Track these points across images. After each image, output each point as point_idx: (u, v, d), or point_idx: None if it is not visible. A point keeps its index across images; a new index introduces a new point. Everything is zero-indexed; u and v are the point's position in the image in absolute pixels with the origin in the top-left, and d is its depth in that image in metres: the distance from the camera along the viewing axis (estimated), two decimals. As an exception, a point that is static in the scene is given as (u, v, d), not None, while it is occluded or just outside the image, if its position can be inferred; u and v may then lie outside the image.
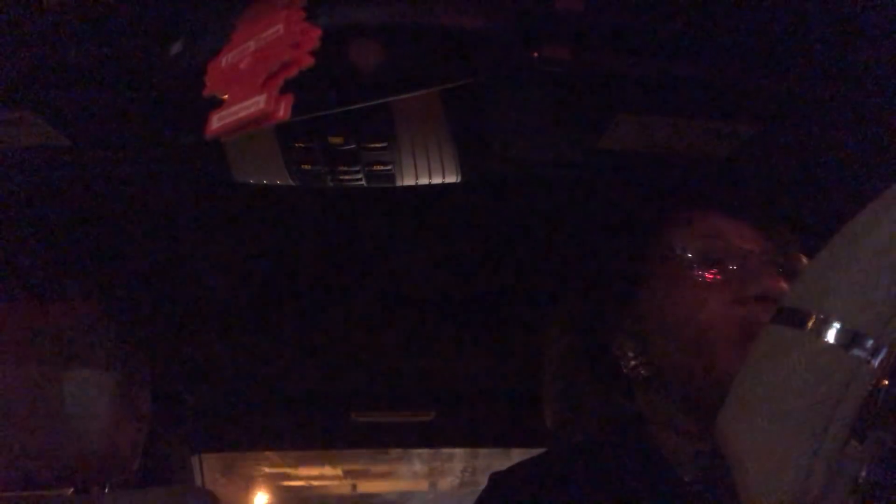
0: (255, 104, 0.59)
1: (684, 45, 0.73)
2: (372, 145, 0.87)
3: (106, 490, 0.99)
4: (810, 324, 0.36)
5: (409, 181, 0.95)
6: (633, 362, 0.90)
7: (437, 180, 0.95)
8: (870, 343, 0.34)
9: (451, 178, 0.95)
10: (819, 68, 0.76)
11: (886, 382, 0.34)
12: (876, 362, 0.34)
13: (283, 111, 0.59)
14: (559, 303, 1.16)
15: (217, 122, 0.61)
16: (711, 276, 0.82)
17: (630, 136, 0.88)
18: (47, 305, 1.02)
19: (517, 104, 0.84)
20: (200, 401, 1.72)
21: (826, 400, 0.34)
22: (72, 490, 0.97)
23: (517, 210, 1.16)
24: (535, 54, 0.71)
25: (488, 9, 0.70)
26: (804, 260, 0.84)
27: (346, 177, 0.93)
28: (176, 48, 0.71)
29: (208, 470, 1.94)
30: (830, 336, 0.35)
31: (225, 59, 0.64)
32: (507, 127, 0.89)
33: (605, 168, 0.96)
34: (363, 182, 0.94)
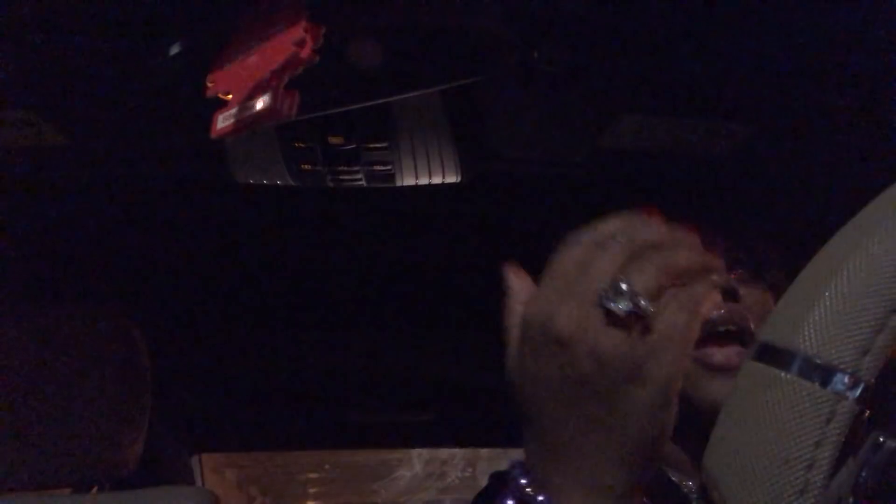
0: (259, 103, 0.59)
1: (684, 45, 0.74)
2: (372, 145, 0.87)
3: (106, 490, 0.99)
4: (784, 360, 0.36)
5: (409, 181, 0.95)
6: None
7: (437, 180, 0.95)
8: (847, 378, 0.34)
9: (451, 178, 0.95)
10: (819, 68, 0.76)
11: (868, 413, 0.34)
12: (853, 397, 0.34)
13: (289, 109, 0.58)
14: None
15: (222, 121, 0.61)
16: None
17: (630, 136, 0.88)
18: (48, 305, 1.02)
19: (517, 104, 0.84)
20: (200, 401, 1.72)
21: (806, 439, 0.34)
22: (72, 490, 0.97)
23: (517, 210, 1.16)
24: (535, 54, 0.71)
25: (488, 9, 0.70)
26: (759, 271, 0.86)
27: (346, 177, 0.93)
28: (176, 48, 0.71)
29: (208, 470, 1.95)
30: (805, 372, 0.35)
31: (227, 59, 0.64)
32: (507, 127, 0.89)
33: (604, 168, 0.96)
34: (363, 182, 0.94)
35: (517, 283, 0.56)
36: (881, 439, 0.34)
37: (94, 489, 0.98)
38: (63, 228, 1.14)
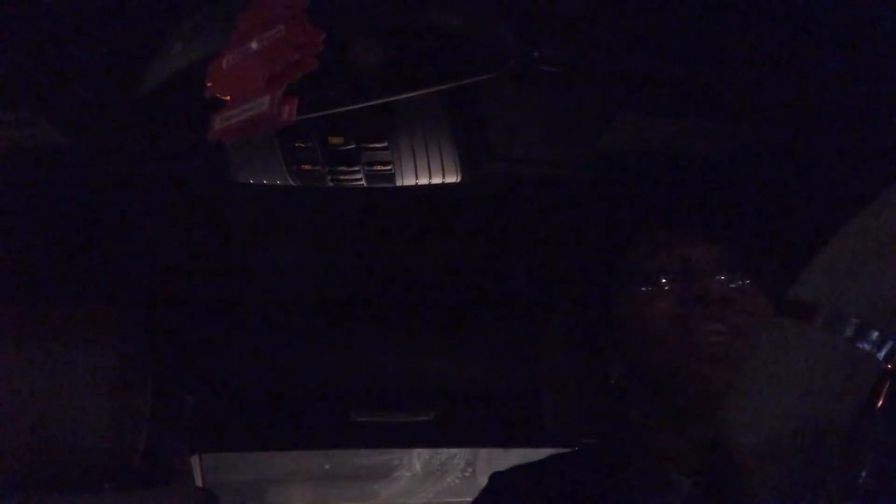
0: (258, 106, 0.58)
1: (684, 45, 0.74)
2: (372, 145, 0.87)
3: (106, 490, 0.99)
4: (815, 316, 0.36)
5: (409, 181, 0.95)
6: (614, 372, 0.95)
7: (437, 180, 0.95)
8: (875, 335, 0.34)
9: (451, 178, 0.95)
10: (819, 69, 0.76)
11: (890, 367, 0.34)
12: (881, 355, 0.34)
13: (287, 114, 0.58)
14: (554, 307, 1.16)
15: (220, 123, 0.61)
16: (658, 285, 0.88)
17: (630, 136, 0.88)
18: (47, 305, 1.02)
19: (517, 104, 0.84)
20: (200, 401, 1.72)
21: (829, 391, 0.34)
22: (72, 490, 0.97)
23: (517, 210, 1.16)
24: (535, 54, 0.71)
25: (488, 8, 0.70)
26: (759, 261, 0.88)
27: (346, 177, 0.93)
28: (176, 48, 0.71)
29: (208, 470, 1.94)
30: (836, 328, 0.35)
31: (226, 59, 0.64)
32: (507, 127, 0.89)
33: (604, 169, 0.96)
34: (363, 182, 0.94)
35: None
36: (883, 439, 0.34)
37: (95, 489, 0.98)
38: (63, 228, 1.14)
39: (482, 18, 0.70)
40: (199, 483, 1.84)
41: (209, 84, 0.63)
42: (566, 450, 1.15)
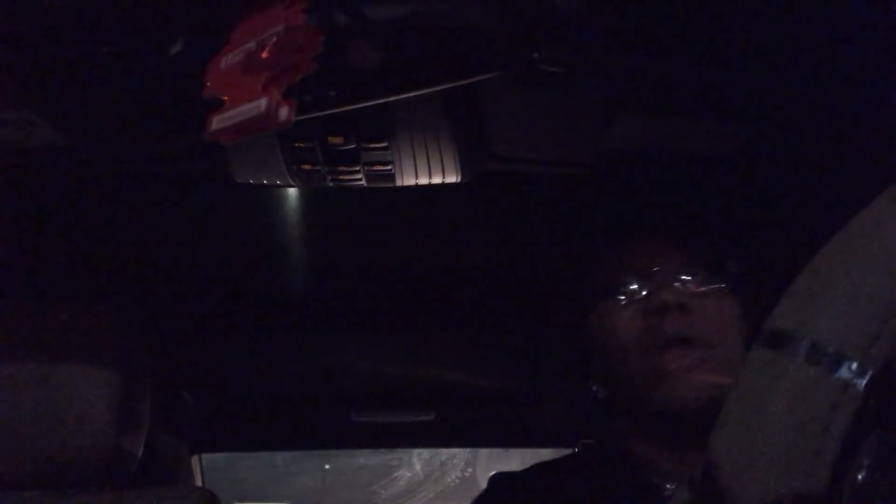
0: (256, 108, 0.58)
1: (684, 45, 0.73)
2: (372, 145, 0.87)
3: (106, 490, 0.99)
4: (792, 347, 0.36)
5: (409, 181, 0.95)
6: (594, 385, 0.96)
7: (437, 180, 0.95)
8: (855, 365, 0.34)
9: (451, 179, 0.95)
10: (820, 68, 0.76)
11: (875, 402, 0.34)
12: (862, 384, 0.34)
13: (286, 117, 0.58)
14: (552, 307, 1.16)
15: (217, 123, 0.61)
16: (622, 299, 0.90)
17: (630, 136, 0.88)
18: (47, 305, 1.02)
19: (517, 104, 0.84)
20: (200, 401, 1.72)
21: (813, 426, 0.34)
22: (72, 490, 0.97)
23: (518, 210, 1.16)
24: (535, 54, 0.71)
25: (488, 8, 0.70)
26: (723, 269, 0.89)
27: (346, 177, 0.93)
28: (176, 48, 0.71)
29: (208, 470, 1.94)
30: (814, 359, 0.35)
31: (225, 60, 0.64)
32: (507, 127, 0.89)
33: (604, 169, 0.96)
34: (363, 182, 0.94)
35: None
36: (882, 439, 0.34)
37: (94, 489, 0.98)
38: (62, 228, 1.14)
39: (482, 18, 0.70)
40: (199, 483, 1.84)
41: (208, 84, 0.63)
42: (566, 450, 1.15)
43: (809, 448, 0.33)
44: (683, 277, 0.88)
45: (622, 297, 0.89)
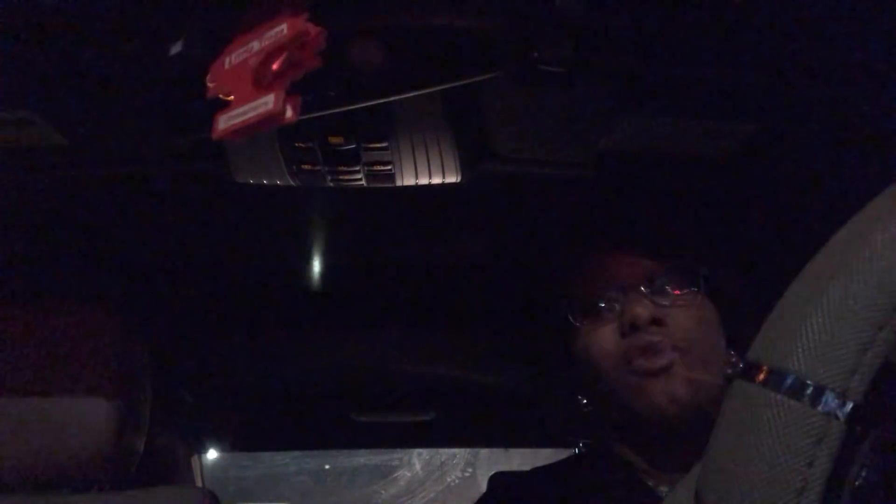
0: (262, 105, 0.59)
1: (684, 45, 0.73)
2: (372, 145, 0.87)
3: (106, 490, 0.99)
4: (773, 380, 0.36)
5: (409, 181, 0.95)
6: (579, 395, 0.98)
7: (437, 180, 0.95)
8: (835, 398, 0.34)
9: (451, 178, 0.95)
10: (820, 68, 0.76)
11: (860, 431, 0.34)
12: (843, 416, 0.34)
13: (291, 112, 0.58)
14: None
15: (224, 123, 0.61)
16: (597, 317, 0.90)
17: (630, 136, 0.88)
18: (47, 305, 1.02)
19: (517, 104, 0.84)
20: (200, 401, 1.72)
21: (798, 460, 0.34)
22: (72, 490, 0.97)
23: (517, 210, 1.16)
24: (535, 54, 0.71)
25: (488, 8, 0.70)
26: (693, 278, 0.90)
27: (346, 177, 0.93)
28: (176, 48, 0.71)
29: (208, 470, 1.94)
30: (795, 392, 0.35)
31: (228, 59, 0.64)
32: (507, 127, 0.89)
33: (604, 169, 0.96)
34: (363, 182, 0.94)
35: None
36: (882, 438, 0.34)
37: (95, 489, 0.98)
38: (63, 228, 1.14)
39: (482, 18, 0.70)
40: (199, 483, 1.84)
41: (212, 84, 0.63)
42: (566, 450, 1.15)
43: (795, 486, 0.33)
44: (654, 287, 0.88)
45: (596, 315, 0.90)
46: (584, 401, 0.97)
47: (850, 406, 0.33)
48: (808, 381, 0.34)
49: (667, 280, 0.88)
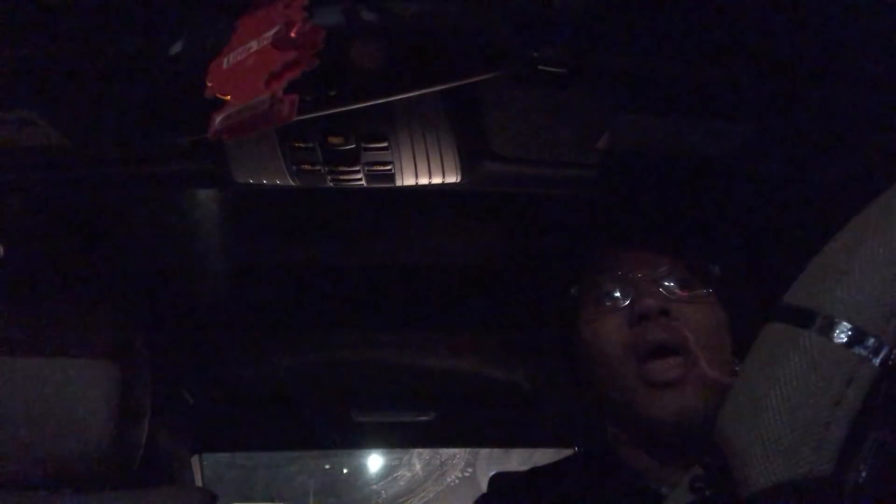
0: (259, 105, 0.58)
1: (684, 45, 0.73)
2: (372, 145, 0.87)
3: (106, 490, 0.99)
4: (812, 321, 0.36)
5: (409, 181, 0.95)
6: (583, 391, 0.97)
7: (437, 180, 0.95)
8: (871, 342, 0.34)
9: (451, 178, 0.95)
10: (820, 68, 0.76)
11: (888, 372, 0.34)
12: (878, 361, 0.34)
13: (288, 112, 0.58)
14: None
15: (220, 122, 0.61)
16: (608, 305, 0.90)
17: (630, 136, 0.88)
18: (48, 304, 1.02)
19: (517, 104, 0.84)
20: (200, 401, 1.72)
21: (827, 397, 0.34)
22: (72, 490, 0.97)
23: (517, 210, 1.16)
24: (535, 54, 0.71)
25: (488, 9, 0.70)
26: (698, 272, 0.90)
27: (346, 177, 0.93)
28: (176, 48, 0.71)
29: (208, 470, 1.94)
30: (832, 334, 0.35)
31: (226, 59, 0.64)
32: (507, 127, 0.89)
33: (603, 169, 0.96)
34: (363, 182, 0.94)
35: None
36: (883, 439, 0.34)
37: (95, 489, 0.98)
38: (63, 228, 1.14)
39: (482, 18, 0.70)
40: (199, 483, 1.84)
41: (210, 84, 0.63)
42: (566, 450, 1.15)
43: (819, 422, 0.33)
44: (667, 283, 0.88)
45: (606, 306, 0.89)
46: (586, 395, 0.97)
47: (885, 351, 0.33)
48: (847, 323, 0.34)
49: (680, 277, 0.88)
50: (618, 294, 0.89)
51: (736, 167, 0.93)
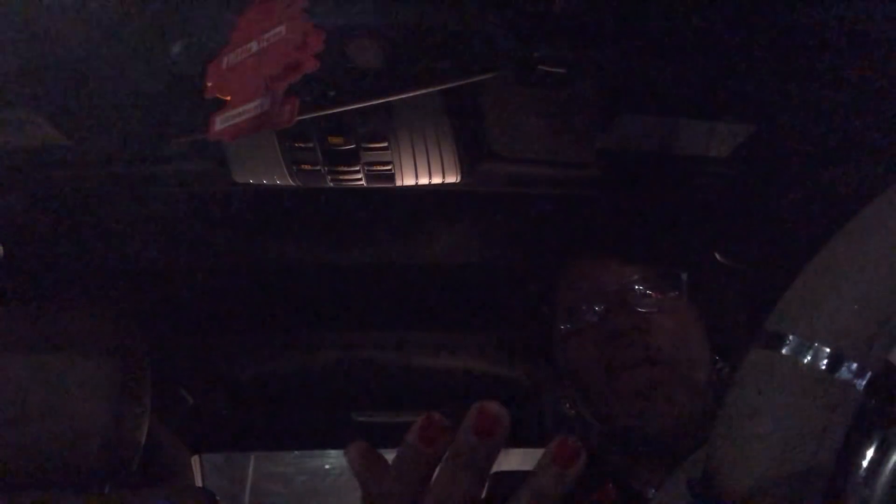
0: (258, 107, 0.58)
1: (684, 45, 0.74)
2: (372, 145, 0.87)
3: (106, 490, 0.99)
4: (793, 347, 0.36)
5: (409, 181, 0.95)
6: (563, 402, 0.97)
7: (437, 180, 0.95)
8: (854, 366, 0.34)
9: (451, 179, 0.95)
10: (820, 68, 0.76)
11: (874, 403, 0.34)
12: (861, 385, 0.34)
13: (288, 115, 0.58)
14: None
15: (220, 124, 0.61)
16: (579, 323, 0.89)
17: (630, 136, 0.88)
18: (47, 305, 1.02)
19: (517, 104, 0.84)
20: (200, 401, 1.72)
21: (813, 425, 0.34)
22: (72, 490, 0.97)
23: (517, 210, 1.16)
24: (535, 54, 0.71)
25: (488, 9, 0.70)
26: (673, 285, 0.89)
27: (346, 177, 0.93)
28: (176, 48, 0.71)
29: (208, 470, 1.94)
30: (814, 360, 0.35)
31: (226, 60, 0.64)
32: (507, 127, 0.89)
33: (604, 169, 0.96)
34: (363, 182, 0.95)
35: None
36: (883, 439, 0.34)
37: (95, 489, 0.98)
38: (63, 228, 1.14)
39: (483, 18, 0.70)
40: (199, 483, 1.84)
41: (209, 85, 0.63)
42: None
43: (809, 447, 0.33)
44: (638, 295, 0.87)
45: (578, 321, 0.89)
46: (566, 405, 0.97)
47: (868, 376, 0.33)
48: (828, 348, 0.34)
49: (647, 286, 0.87)
50: (588, 309, 0.89)
51: (735, 167, 0.93)
